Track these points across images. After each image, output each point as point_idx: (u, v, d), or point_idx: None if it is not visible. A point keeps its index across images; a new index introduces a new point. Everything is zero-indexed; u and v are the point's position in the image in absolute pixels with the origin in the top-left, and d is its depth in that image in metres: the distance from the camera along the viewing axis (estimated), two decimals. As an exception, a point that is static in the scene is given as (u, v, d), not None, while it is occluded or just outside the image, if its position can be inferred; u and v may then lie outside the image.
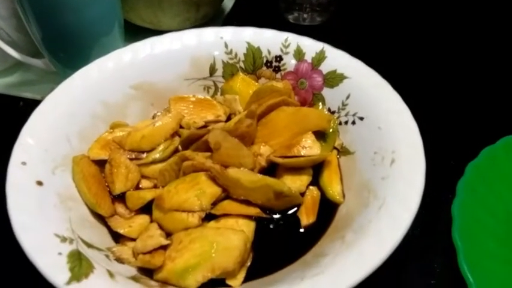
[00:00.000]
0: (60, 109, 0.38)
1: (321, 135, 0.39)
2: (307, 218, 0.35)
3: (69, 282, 0.26)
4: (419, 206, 0.29)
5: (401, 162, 0.33)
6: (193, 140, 0.38)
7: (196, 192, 0.34)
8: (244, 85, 0.44)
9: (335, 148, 0.39)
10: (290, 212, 0.35)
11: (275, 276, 0.31)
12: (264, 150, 0.38)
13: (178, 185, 0.35)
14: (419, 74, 0.54)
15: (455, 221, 0.34)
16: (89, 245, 0.30)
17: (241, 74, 0.45)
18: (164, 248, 0.31)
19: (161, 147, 0.38)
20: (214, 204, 0.34)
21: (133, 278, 0.29)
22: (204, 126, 0.41)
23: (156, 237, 0.31)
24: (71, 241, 0.29)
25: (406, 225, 0.28)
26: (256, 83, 0.45)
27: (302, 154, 0.37)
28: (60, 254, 0.27)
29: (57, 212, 0.31)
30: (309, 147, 0.37)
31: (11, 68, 0.54)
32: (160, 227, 0.33)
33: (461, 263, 0.32)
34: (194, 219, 0.33)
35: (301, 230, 0.35)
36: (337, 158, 0.39)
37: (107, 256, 0.31)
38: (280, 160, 0.36)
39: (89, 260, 0.28)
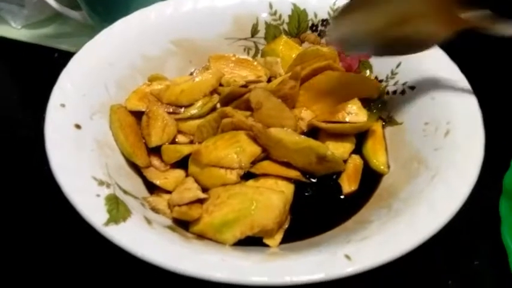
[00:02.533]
0: (99, 57, 0.37)
1: (366, 104, 0.37)
2: (349, 185, 0.33)
3: (107, 224, 0.25)
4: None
5: (457, 133, 0.31)
6: (234, 98, 0.37)
7: (236, 149, 0.32)
8: (287, 48, 0.42)
9: (381, 118, 0.38)
10: (331, 177, 0.34)
11: (315, 239, 0.30)
12: (306, 115, 0.37)
13: (217, 141, 0.33)
14: (476, 51, 0.51)
15: (505, 219, 0.32)
16: (125, 192, 0.30)
17: (284, 36, 0.43)
18: (201, 201, 0.30)
19: (199, 103, 0.37)
20: (253, 163, 0.33)
21: (170, 228, 0.28)
22: (245, 86, 0.39)
23: (194, 190, 0.30)
24: (108, 185, 0.28)
25: (463, 196, 0.26)
26: (300, 47, 0.43)
27: (347, 120, 0.35)
28: (98, 195, 0.27)
29: (94, 156, 0.30)
30: (355, 114, 0.35)
31: (48, 19, 0.53)
32: (197, 182, 0.32)
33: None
34: (232, 176, 0.32)
35: (342, 197, 0.33)
36: (383, 129, 0.37)
37: (143, 205, 0.30)
38: (323, 125, 0.35)
39: (126, 205, 0.27)
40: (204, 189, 0.32)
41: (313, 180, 0.34)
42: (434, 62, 0.36)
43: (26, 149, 0.40)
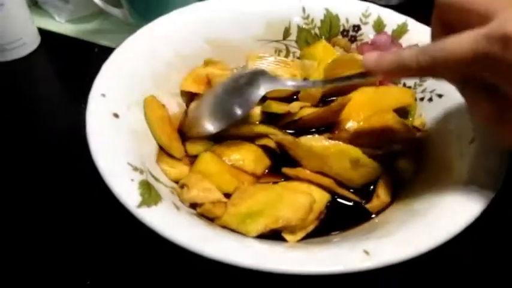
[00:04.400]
0: (138, 52, 0.39)
1: (401, 113, 0.37)
2: (385, 195, 0.33)
3: (140, 206, 0.26)
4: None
5: (482, 140, 0.31)
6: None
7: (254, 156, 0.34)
8: (325, 53, 0.43)
9: (415, 127, 0.37)
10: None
11: (333, 236, 0.30)
12: (351, 126, 0.36)
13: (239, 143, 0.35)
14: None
15: None
16: (156, 179, 0.31)
17: (323, 41, 0.44)
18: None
19: None
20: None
21: (197, 215, 0.30)
22: None
23: (216, 192, 0.31)
24: (142, 172, 0.30)
25: (485, 201, 0.27)
26: (336, 52, 0.43)
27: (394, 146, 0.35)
28: (132, 180, 0.28)
29: (129, 144, 0.32)
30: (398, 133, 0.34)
31: (90, 15, 0.56)
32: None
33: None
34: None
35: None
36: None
37: (172, 192, 0.32)
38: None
39: (157, 191, 0.29)
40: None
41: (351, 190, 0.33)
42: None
43: (68, 136, 0.42)
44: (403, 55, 0.25)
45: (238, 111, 0.34)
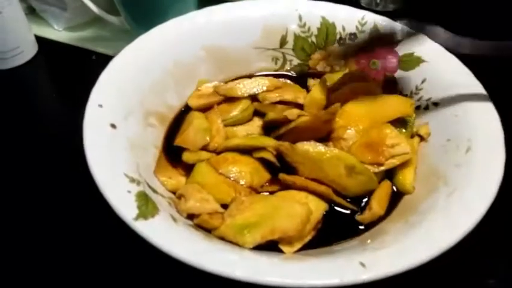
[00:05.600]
0: (135, 61, 0.39)
1: (400, 122, 0.37)
2: (379, 207, 0.33)
3: (136, 218, 0.26)
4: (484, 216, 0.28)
5: (478, 150, 0.31)
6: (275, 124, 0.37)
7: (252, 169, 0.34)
8: None
9: (419, 135, 0.37)
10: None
11: (331, 248, 0.30)
12: (348, 136, 0.36)
13: (236, 156, 0.35)
14: (499, 65, 0.51)
15: None
16: (154, 190, 0.31)
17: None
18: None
19: (240, 106, 0.39)
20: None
21: (194, 227, 0.30)
22: (279, 102, 0.40)
23: (213, 203, 0.31)
24: (139, 183, 0.30)
25: (481, 213, 0.27)
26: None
27: (393, 155, 0.34)
28: (129, 192, 0.28)
29: (127, 155, 0.32)
30: (397, 146, 0.34)
31: (88, 23, 0.56)
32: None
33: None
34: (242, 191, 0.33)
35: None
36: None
37: (169, 204, 0.32)
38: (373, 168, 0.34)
39: (154, 202, 0.29)
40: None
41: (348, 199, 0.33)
42: (459, 79, 0.36)
43: (64, 146, 0.41)
44: None
45: None
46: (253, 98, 0.40)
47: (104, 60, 0.37)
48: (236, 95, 0.40)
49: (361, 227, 0.32)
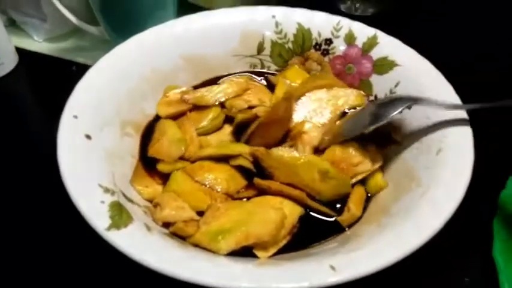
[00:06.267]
0: (112, 70, 0.39)
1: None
2: (356, 209, 0.33)
3: (109, 229, 0.27)
4: (458, 217, 0.28)
5: (448, 152, 0.32)
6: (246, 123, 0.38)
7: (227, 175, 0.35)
8: (298, 75, 0.43)
9: (395, 141, 0.37)
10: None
11: (304, 252, 0.31)
12: (309, 129, 0.37)
13: (211, 163, 0.35)
14: (474, 69, 0.52)
15: (496, 237, 0.33)
16: (129, 200, 0.31)
17: (296, 66, 0.44)
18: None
19: (210, 116, 0.39)
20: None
21: (169, 235, 0.30)
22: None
23: (188, 211, 0.31)
24: (113, 193, 0.30)
25: (448, 213, 0.27)
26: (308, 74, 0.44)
27: (359, 177, 0.35)
28: (102, 202, 0.28)
29: (102, 165, 0.32)
30: (362, 164, 0.35)
31: (67, 34, 0.56)
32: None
33: (502, 281, 0.31)
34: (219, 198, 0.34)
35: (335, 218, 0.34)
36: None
37: (145, 212, 0.32)
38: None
39: (128, 212, 0.29)
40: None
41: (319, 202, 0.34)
42: (431, 83, 0.37)
43: (44, 157, 0.41)
44: None
45: None
46: (223, 104, 0.41)
47: (84, 71, 0.38)
48: (206, 103, 0.40)
49: (336, 230, 0.32)
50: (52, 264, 0.35)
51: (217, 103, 0.40)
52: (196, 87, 0.43)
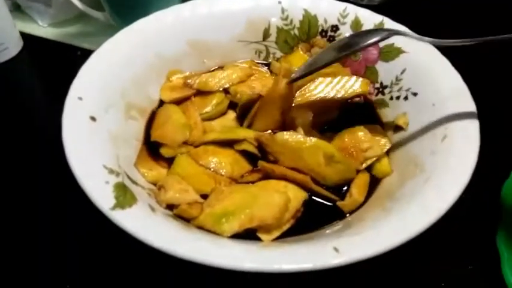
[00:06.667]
0: (117, 54, 0.39)
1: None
2: (359, 195, 0.33)
3: (113, 208, 0.27)
4: (462, 204, 0.28)
5: (453, 138, 0.32)
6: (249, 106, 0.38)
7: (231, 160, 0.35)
8: (301, 61, 0.43)
9: (399, 126, 0.37)
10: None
11: (309, 235, 0.31)
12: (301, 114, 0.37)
13: (216, 148, 0.35)
14: (479, 59, 0.51)
15: (500, 226, 0.33)
16: (134, 181, 0.31)
17: (300, 51, 0.44)
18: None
19: (214, 101, 0.39)
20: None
21: (173, 216, 0.30)
22: None
23: (192, 194, 0.31)
24: (118, 174, 0.30)
25: (452, 198, 0.27)
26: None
27: (368, 162, 0.35)
28: (107, 182, 0.28)
29: (107, 147, 0.32)
30: (369, 149, 0.35)
31: (73, 19, 0.56)
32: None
33: (505, 270, 0.31)
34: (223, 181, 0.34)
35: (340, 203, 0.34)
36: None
37: (149, 194, 0.32)
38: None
39: (133, 193, 0.29)
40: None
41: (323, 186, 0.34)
42: (437, 69, 0.37)
43: (49, 140, 0.41)
44: None
45: None
46: (226, 90, 0.40)
47: (89, 56, 0.37)
48: (210, 89, 0.40)
49: (341, 215, 0.32)
50: (58, 243, 0.35)
51: (221, 89, 0.40)
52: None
